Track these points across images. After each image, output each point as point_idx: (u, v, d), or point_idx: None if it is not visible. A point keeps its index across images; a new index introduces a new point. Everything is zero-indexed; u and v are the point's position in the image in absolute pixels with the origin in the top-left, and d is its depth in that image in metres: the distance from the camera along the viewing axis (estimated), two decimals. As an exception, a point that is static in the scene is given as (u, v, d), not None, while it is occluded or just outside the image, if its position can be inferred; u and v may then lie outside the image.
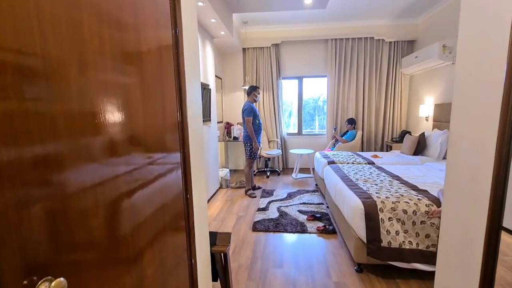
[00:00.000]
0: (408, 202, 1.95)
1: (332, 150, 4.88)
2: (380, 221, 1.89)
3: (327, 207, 3.35)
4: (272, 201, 3.70)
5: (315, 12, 4.32)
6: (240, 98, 5.41)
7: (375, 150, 5.11)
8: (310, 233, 2.75)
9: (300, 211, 3.28)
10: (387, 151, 5.01)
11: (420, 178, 2.61)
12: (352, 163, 3.54)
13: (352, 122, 4.91)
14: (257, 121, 3.54)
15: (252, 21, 4.78)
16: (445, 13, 4.03)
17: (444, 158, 3.49)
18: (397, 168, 3.08)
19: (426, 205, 1.91)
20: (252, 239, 2.68)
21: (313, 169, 4.63)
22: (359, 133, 4.90)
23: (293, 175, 5.01)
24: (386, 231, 1.88)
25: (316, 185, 4.36)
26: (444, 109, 3.85)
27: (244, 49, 5.26)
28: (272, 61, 5.16)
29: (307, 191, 4.08)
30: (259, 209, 3.38)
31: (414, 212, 1.88)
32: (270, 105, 5.31)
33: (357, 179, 2.62)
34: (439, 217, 1.78)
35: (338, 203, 2.53)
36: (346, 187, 2.38)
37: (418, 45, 4.77)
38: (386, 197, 2.04)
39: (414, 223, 1.88)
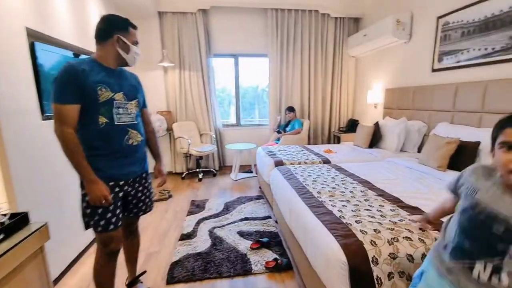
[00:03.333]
0: (410, 238, 1.20)
1: (277, 143, 4.11)
2: (376, 282, 1.10)
3: (276, 221, 2.54)
4: (203, 219, 2.69)
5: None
6: (158, 79, 4.13)
7: (323, 142, 4.56)
8: (256, 273, 1.87)
9: (241, 234, 2.37)
10: (335, 142, 4.51)
11: (395, 184, 1.97)
12: (305, 163, 2.78)
13: (292, 110, 4.22)
14: (107, 118, 1.27)
15: (169, -27, 3.52)
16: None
17: (402, 150, 3.03)
18: (360, 167, 2.43)
19: (436, 239, 1.20)
20: (164, 302, 1.65)
21: (256, 165, 3.78)
22: (306, 122, 4.24)
23: (232, 175, 4.09)
24: (387, 300, 1.10)
25: (260, 188, 3.53)
26: (397, 95, 3.42)
27: (160, 14, 3.96)
28: (200, 32, 4.00)
29: (250, 198, 3.20)
30: (183, 237, 2.34)
31: (424, 256, 1.14)
32: (199, 89, 4.19)
33: (319, 192, 1.82)
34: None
35: (296, 233, 1.69)
36: (309, 211, 1.54)
37: (364, 23, 4.29)
38: (374, 229, 1.27)
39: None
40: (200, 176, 4.04)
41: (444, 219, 0.89)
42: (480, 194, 0.73)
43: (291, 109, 4.24)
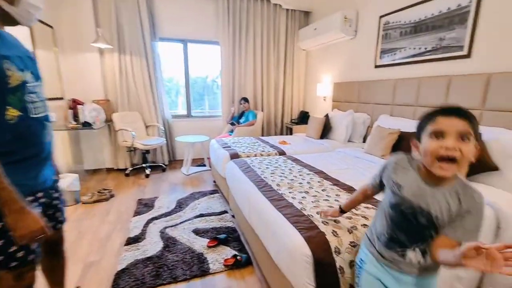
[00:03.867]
0: (367, 225, 1.25)
1: (231, 135, 4.01)
2: (339, 272, 1.11)
3: (233, 216, 2.46)
4: (153, 219, 2.46)
5: None
6: (92, 62, 3.60)
7: (276, 134, 4.62)
8: (214, 273, 1.77)
9: (196, 232, 2.23)
10: (287, 134, 4.61)
11: (347, 173, 2.07)
12: (261, 155, 2.75)
13: (247, 100, 4.17)
14: (19, 110, 0.90)
15: None
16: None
17: (350, 140, 3.24)
18: (313, 158, 2.51)
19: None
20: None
21: (209, 158, 3.63)
22: (260, 114, 4.22)
23: (184, 170, 3.85)
24: (350, 288, 1.12)
25: (215, 182, 3.40)
26: (344, 89, 3.63)
27: (93, -15, 3.41)
28: (143, 13, 3.59)
29: (204, 194, 3.05)
30: (129, 241, 2.09)
31: (379, 242, 1.20)
32: (143, 76, 3.79)
33: (278, 185, 1.79)
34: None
35: (256, 227, 1.64)
36: (271, 205, 1.50)
37: (314, 17, 4.41)
38: (334, 220, 1.28)
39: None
40: (148, 171, 3.70)
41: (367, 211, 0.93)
42: (405, 191, 0.80)
43: (245, 99, 4.16)
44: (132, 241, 2.10)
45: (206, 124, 4.49)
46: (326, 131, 3.36)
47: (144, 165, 3.80)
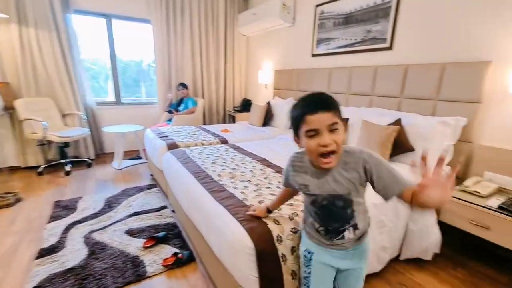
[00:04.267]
0: (307, 211, 1.27)
1: (169, 124, 3.71)
2: (281, 260, 1.10)
3: (173, 211, 2.29)
4: (75, 223, 2.11)
5: None
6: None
7: (218, 122, 4.48)
8: (152, 276, 1.61)
9: (130, 233, 1.99)
10: (230, 122, 4.51)
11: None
12: (202, 144, 2.60)
13: (185, 86, 3.90)
14: None
15: None
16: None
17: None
18: (256, 146, 2.48)
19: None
20: None
21: (145, 150, 3.31)
22: (201, 101, 4.00)
23: (115, 164, 3.43)
24: (292, 274, 1.12)
25: (152, 175, 3.11)
26: (284, 76, 3.68)
27: None
28: (50, -25, 2.94)
29: (140, 189, 2.76)
30: (42, 253, 1.75)
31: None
32: (55, 56, 3.16)
33: (219, 175, 1.70)
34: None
35: (197, 222, 1.53)
36: (211, 197, 1.40)
37: (253, 2, 4.32)
38: (277, 210, 1.26)
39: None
40: (68, 168, 3.16)
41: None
42: (311, 188, 0.85)
43: (184, 85, 3.88)
44: (47, 252, 1.76)
45: (141, 112, 4.06)
46: (268, 118, 3.38)
47: (63, 161, 3.23)
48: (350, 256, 0.92)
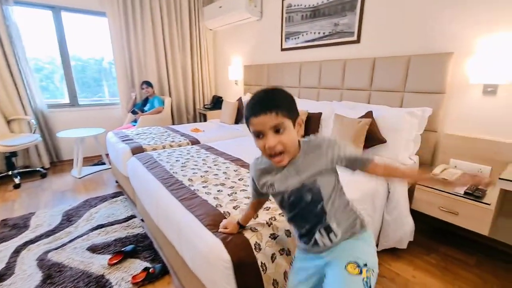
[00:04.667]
0: (285, 213, 1.20)
1: (134, 125, 3.46)
2: (261, 269, 1.02)
3: (142, 220, 2.12)
4: (26, 243, 1.86)
5: None
6: None
7: (189, 121, 4.28)
8: (119, 297, 1.45)
9: (93, 249, 1.79)
10: (201, 120, 4.34)
11: (263, 157, 2.03)
12: (171, 146, 2.43)
13: (150, 84, 3.64)
14: None
15: None
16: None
17: (263, 124, 3.25)
18: (229, 144, 2.38)
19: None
20: None
21: (108, 155, 3.04)
22: (168, 100, 3.78)
23: (74, 172, 3.12)
24: (273, 284, 1.05)
25: (117, 182, 2.87)
26: (254, 71, 3.59)
27: None
28: (-21, -40, 2.54)
29: (103, 198, 2.52)
30: (-15, 285, 1.50)
31: (298, 228, 1.17)
32: (-7, 52, 2.76)
33: (190, 180, 1.58)
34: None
35: (167, 233, 1.39)
36: (181, 206, 1.28)
37: (219, -5, 4.15)
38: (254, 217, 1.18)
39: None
40: (17, 180, 2.80)
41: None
42: (277, 185, 0.82)
43: (148, 83, 3.62)
44: (-10, 282, 1.51)
45: (102, 114, 3.74)
46: (240, 115, 3.28)
47: (10, 172, 2.86)
48: (327, 254, 0.83)
